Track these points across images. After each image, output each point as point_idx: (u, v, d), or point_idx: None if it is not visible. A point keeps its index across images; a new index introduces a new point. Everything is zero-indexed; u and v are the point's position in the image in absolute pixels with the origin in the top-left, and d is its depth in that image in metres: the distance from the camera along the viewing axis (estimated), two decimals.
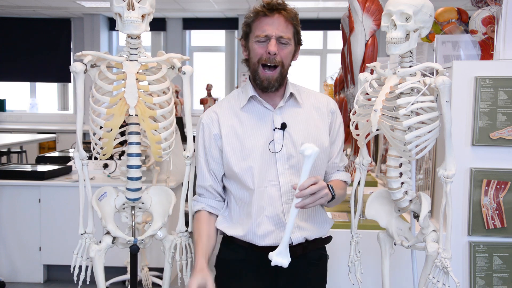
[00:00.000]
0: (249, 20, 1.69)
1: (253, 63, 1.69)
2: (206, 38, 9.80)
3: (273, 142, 1.69)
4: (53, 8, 8.66)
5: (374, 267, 2.23)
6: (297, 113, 1.76)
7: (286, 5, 1.68)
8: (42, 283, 3.92)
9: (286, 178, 1.70)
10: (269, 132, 1.71)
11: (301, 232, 1.71)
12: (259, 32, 1.65)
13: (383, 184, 3.25)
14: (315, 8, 8.43)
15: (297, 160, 1.71)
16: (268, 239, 1.70)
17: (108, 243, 2.13)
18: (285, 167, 1.70)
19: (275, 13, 1.65)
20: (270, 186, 1.69)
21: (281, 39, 1.66)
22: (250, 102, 1.74)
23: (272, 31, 1.64)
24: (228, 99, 1.81)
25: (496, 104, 2.22)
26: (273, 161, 1.69)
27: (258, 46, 1.67)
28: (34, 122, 9.30)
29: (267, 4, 1.65)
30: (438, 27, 2.83)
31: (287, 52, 1.69)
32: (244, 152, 1.69)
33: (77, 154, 2.13)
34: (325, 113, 1.81)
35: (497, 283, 2.24)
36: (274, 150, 1.69)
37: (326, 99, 1.85)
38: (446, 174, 1.67)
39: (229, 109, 1.76)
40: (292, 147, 1.71)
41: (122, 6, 1.96)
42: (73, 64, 2.03)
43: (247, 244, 1.72)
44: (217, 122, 1.74)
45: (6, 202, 3.87)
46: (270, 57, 1.65)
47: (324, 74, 9.27)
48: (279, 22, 1.65)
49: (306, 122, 1.76)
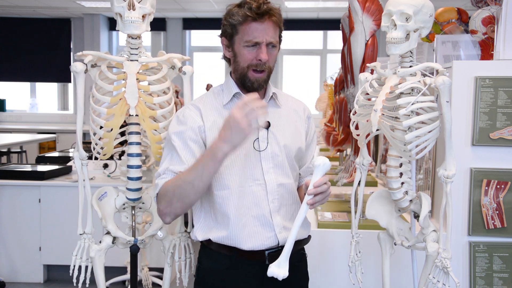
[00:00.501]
0: (235, 22, 1.64)
1: (242, 67, 1.67)
2: (206, 38, 9.79)
3: (258, 140, 1.68)
4: (53, 8, 8.66)
5: (374, 267, 2.23)
6: (278, 114, 1.75)
7: (272, 7, 1.64)
8: (42, 283, 3.93)
9: (271, 177, 1.68)
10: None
11: (287, 232, 1.66)
12: (249, 37, 1.62)
13: (383, 184, 3.25)
14: (315, 8, 8.43)
15: (281, 159, 1.70)
16: (254, 240, 1.65)
17: (108, 243, 2.13)
18: (270, 166, 1.68)
19: (266, 18, 1.62)
20: (255, 185, 1.66)
21: (271, 44, 1.65)
22: (233, 100, 1.72)
23: (263, 37, 1.62)
24: (209, 95, 1.77)
25: (496, 104, 2.22)
26: (258, 159, 1.67)
27: (247, 52, 1.64)
28: (34, 122, 9.29)
29: (257, 9, 1.60)
30: (438, 27, 2.83)
31: (275, 55, 1.69)
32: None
33: (77, 154, 2.13)
34: (303, 118, 1.82)
35: (497, 283, 2.24)
36: (259, 149, 1.68)
37: (303, 104, 1.86)
38: (446, 174, 1.67)
39: (211, 105, 1.72)
40: (276, 146, 1.70)
41: (122, 6, 1.97)
42: (74, 64, 2.03)
43: (230, 251, 1.67)
44: (200, 116, 1.68)
45: (6, 202, 3.87)
46: (261, 63, 1.64)
47: (324, 74, 9.26)
48: (269, 28, 1.63)
49: (287, 123, 1.76)
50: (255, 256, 1.67)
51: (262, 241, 1.66)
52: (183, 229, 2.22)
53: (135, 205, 2.17)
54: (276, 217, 1.68)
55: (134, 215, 2.17)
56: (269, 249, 1.67)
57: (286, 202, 1.72)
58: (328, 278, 2.40)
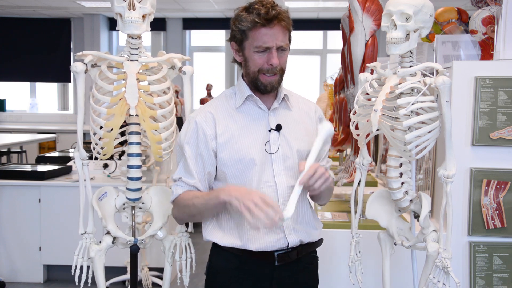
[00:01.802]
0: (244, 28, 1.64)
1: (253, 71, 1.67)
2: (206, 38, 9.80)
3: (269, 143, 1.69)
4: (53, 8, 8.66)
5: (374, 267, 2.23)
6: (289, 116, 1.75)
7: (281, 10, 1.64)
8: (42, 283, 3.92)
9: (282, 179, 1.68)
10: (264, 133, 1.70)
11: (297, 234, 1.69)
12: (259, 43, 1.63)
13: (383, 184, 3.25)
14: (315, 8, 8.43)
15: (292, 161, 1.70)
16: (263, 242, 1.66)
17: (108, 243, 2.13)
18: (281, 168, 1.69)
19: (275, 23, 1.61)
20: (266, 187, 1.67)
21: (281, 48, 1.65)
22: (245, 102, 1.73)
23: (272, 42, 1.62)
24: (221, 99, 1.78)
25: (496, 104, 2.22)
26: (269, 162, 1.68)
27: (258, 57, 1.65)
28: (34, 122, 9.29)
29: (265, 14, 1.60)
30: (438, 27, 2.83)
31: (286, 58, 1.69)
32: (240, 152, 1.67)
33: (78, 154, 2.13)
34: (314, 119, 1.81)
35: (497, 283, 2.24)
36: (270, 151, 1.68)
37: (314, 105, 1.86)
38: (446, 174, 1.67)
39: (224, 109, 1.73)
40: (287, 148, 1.70)
41: (123, 6, 1.97)
42: (74, 64, 2.03)
43: (240, 251, 1.68)
44: (213, 122, 1.70)
45: (6, 202, 3.87)
46: (272, 68, 1.65)
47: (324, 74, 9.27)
48: (278, 32, 1.62)
49: (297, 125, 1.76)
50: (264, 257, 1.67)
51: (272, 243, 1.66)
52: (183, 229, 2.22)
53: (135, 205, 2.17)
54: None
55: (134, 215, 2.17)
56: (278, 250, 1.68)
57: (297, 204, 1.71)
58: (328, 278, 2.40)
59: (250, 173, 1.67)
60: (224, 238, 1.70)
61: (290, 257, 1.69)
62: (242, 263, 1.69)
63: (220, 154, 1.68)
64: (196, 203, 1.65)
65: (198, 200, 1.65)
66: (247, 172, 1.67)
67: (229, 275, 1.71)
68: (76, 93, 2.17)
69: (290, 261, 1.69)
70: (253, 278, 1.69)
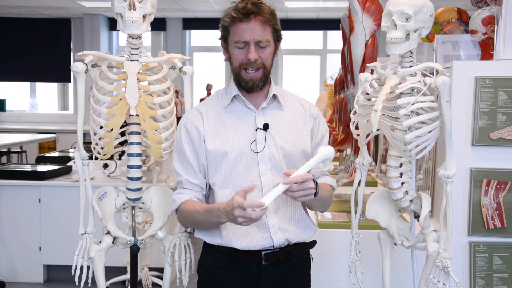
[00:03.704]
0: (226, 24, 1.67)
1: (235, 67, 1.69)
2: (206, 38, 9.80)
3: (255, 142, 1.69)
4: (53, 8, 8.66)
5: (374, 267, 2.23)
6: (279, 116, 1.75)
7: (261, 6, 1.64)
8: (42, 283, 3.92)
9: (268, 179, 1.68)
10: (251, 132, 1.70)
11: (283, 233, 1.68)
12: (237, 37, 1.64)
13: (383, 184, 3.25)
14: (315, 8, 8.43)
15: (279, 160, 1.70)
16: (248, 240, 1.66)
17: (108, 243, 2.13)
18: (267, 167, 1.68)
19: (251, 18, 1.62)
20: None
21: (260, 43, 1.64)
22: (233, 102, 1.74)
23: (250, 36, 1.63)
24: (212, 99, 1.80)
25: (496, 104, 2.22)
26: (255, 161, 1.68)
27: (238, 52, 1.66)
28: (34, 122, 9.29)
29: (242, 9, 1.61)
30: (438, 27, 2.83)
31: (267, 54, 1.68)
32: (226, 151, 1.68)
33: (78, 154, 2.13)
34: (307, 118, 1.80)
35: (497, 283, 2.24)
36: (256, 150, 1.68)
37: (308, 104, 1.84)
38: (447, 174, 1.67)
39: (212, 109, 1.75)
40: (274, 148, 1.69)
41: (123, 6, 1.97)
42: (74, 64, 2.03)
43: (228, 248, 1.69)
44: (202, 121, 1.73)
45: (6, 202, 3.87)
46: (251, 62, 1.65)
47: (324, 74, 9.27)
48: (256, 26, 1.62)
49: (288, 125, 1.75)
50: (251, 255, 1.68)
51: (257, 241, 1.67)
52: (183, 229, 2.22)
53: (135, 205, 2.17)
54: (272, 218, 1.68)
55: (134, 215, 2.17)
56: (264, 249, 1.68)
57: (284, 203, 1.71)
58: (328, 278, 2.40)
59: (235, 171, 1.68)
60: (210, 236, 1.73)
61: (278, 257, 1.69)
62: (230, 261, 1.71)
63: (208, 152, 1.70)
64: (198, 218, 1.67)
65: (199, 216, 1.66)
66: (232, 171, 1.68)
67: (219, 272, 1.73)
68: (76, 93, 2.17)
69: (278, 261, 1.69)
70: (241, 277, 1.70)
